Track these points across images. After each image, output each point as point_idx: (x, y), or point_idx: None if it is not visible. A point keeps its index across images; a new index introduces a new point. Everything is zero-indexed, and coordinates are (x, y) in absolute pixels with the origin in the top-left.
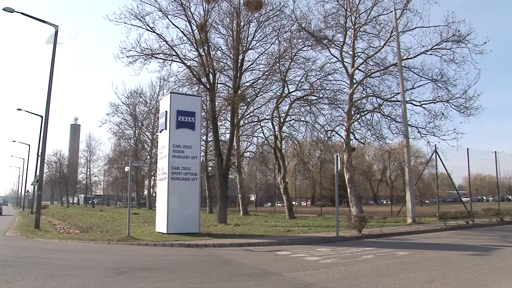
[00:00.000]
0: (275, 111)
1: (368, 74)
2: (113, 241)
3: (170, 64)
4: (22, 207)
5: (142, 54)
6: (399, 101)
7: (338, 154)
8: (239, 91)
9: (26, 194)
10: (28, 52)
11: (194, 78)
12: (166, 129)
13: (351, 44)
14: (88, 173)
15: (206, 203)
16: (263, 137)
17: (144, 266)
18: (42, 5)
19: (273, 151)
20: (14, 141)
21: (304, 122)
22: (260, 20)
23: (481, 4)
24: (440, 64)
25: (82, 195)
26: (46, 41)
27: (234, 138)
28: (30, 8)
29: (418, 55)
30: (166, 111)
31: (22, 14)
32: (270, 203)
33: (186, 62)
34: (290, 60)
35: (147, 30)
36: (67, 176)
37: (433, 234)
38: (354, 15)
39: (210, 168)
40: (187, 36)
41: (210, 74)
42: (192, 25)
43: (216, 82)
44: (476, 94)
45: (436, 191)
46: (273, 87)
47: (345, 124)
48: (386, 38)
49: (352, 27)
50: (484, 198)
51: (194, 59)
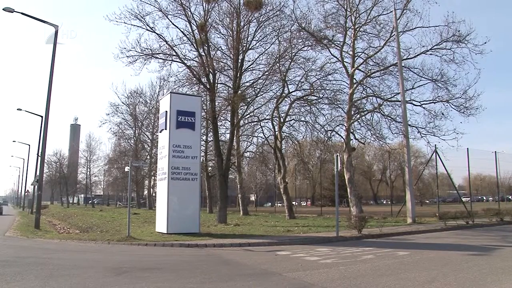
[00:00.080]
0: (275, 111)
1: (368, 74)
2: (113, 241)
3: (170, 64)
4: (22, 207)
5: (142, 54)
6: (399, 101)
7: (338, 154)
8: (239, 91)
9: (26, 194)
10: (28, 52)
11: (194, 78)
12: (166, 129)
13: (351, 44)
14: (88, 173)
15: (206, 203)
16: (263, 137)
17: (144, 266)
18: (42, 5)
19: (273, 151)
20: (14, 141)
21: (304, 122)
22: (260, 20)
23: (481, 4)
24: (440, 64)
25: (82, 195)
26: (46, 41)
27: (234, 138)
28: (30, 8)
29: (418, 55)
30: (166, 111)
31: (22, 14)
32: (270, 203)
33: (186, 62)
34: (290, 60)
35: (147, 30)
36: (67, 176)
37: (433, 234)
38: (354, 15)
39: (210, 168)
40: (187, 36)
41: (210, 74)
42: (192, 25)
43: (216, 82)
44: (476, 94)
45: (436, 191)
46: (273, 87)
47: (345, 124)
48: (386, 38)
49: (352, 27)
50: (484, 198)
51: (194, 59)
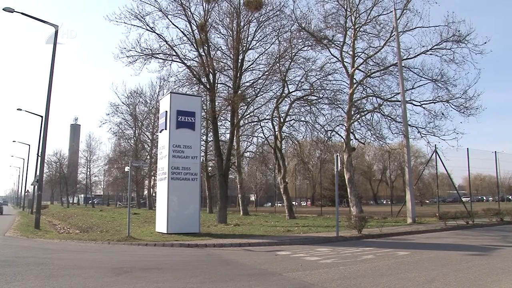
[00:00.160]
0: (275, 111)
1: (368, 74)
2: (113, 241)
3: (170, 64)
4: (22, 207)
5: (142, 54)
6: (399, 101)
7: (338, 154)
8: (239, 91)
9: (26, 194)
10: (28, 52)
11: (194, 78)
12: (166, 129)
13: (351, 44)
14: (88, 173)
15: (206, 203)
16: (263, 137)
17: (144, 266)
18: (42, 5)
19: (273, 151)
20: (14, 141)
21: (304, 122)
22: (260, 20)
23: (481, 4)
24: (440, 64)
25: (82, 195)
26: (46, 41)
27: (234, 138)
28: (30, 8)
29: (418, 55)
30: (166, 111)
31: (22, 14)
32: (270, 203)
33: (186, 62)
34: (290, 60)
35: (147, 30)
36: (67, 176)
37: (433, 234)
38: (354, 15)
39: (210, 168)
40: (187, 36)
41: (210, 74)
42: (192, 25)
43: (216, 82)
44: (476, 94)
45: (436, 191)
46: (273, 87)
47: (345, 124)
48: (386, 38)
49: (352, 27)
50: (484, 198)
51: (194, 59)
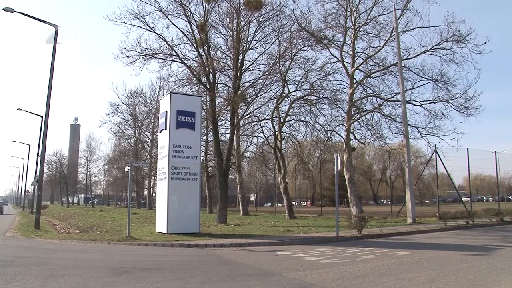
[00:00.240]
0: (275, 111)
1: (368, 74)
2: (113, 241)
3: (170, 64)
4: (22, 207)
5: (142, 54)
6: (399, 101)
7: (338, 154)
8: (239, 91)
9: (26, 194)
10: (28, 52)
11: (194, 78)
12: (166, 129)
13: (351, 44)
14: (88, 173)
15: (206, 203)
16: (263, 137)
17: (144, 266)
18: (42, 5)
19: (273, 151)
20: (14, 141)
21: (304, 122)
22: (260, 20)
23: (481, 4)
24: (440, 64)
25: (82, 195)
26: (46, 41)
27: (234, 138)
28: (30, 8)
29: (418, 55)
30: (166, 111)
31: (22, 14)
32: (270, 203)
33: (186, 62)
34: (290, 60)
35: (147, 30)
36: (67, 176)
37: (433, 234)
38: (354, 15)
39: (210, 168)
40: (187, 36)
41: (210, 74)
42: (192, 25)
43: (216, 82)
44: (476, 94)
45: (436, 191)
46: (273, 87)
47: (345, 124)
48: (386, 38)
49: (352, 27)
50: (484, 198)
51: (194, 59)
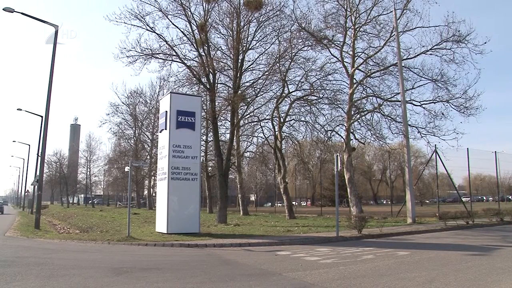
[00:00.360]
0: (275, 111)
1: (368, 74)
2: (113, 241)
3: (170, 64)
4: (22, 207)
5: (142, 54)
6: (399, 101)
7: (338, 154)
8: (239, 91)
9: (26, 194)
10: (28, 52)
11: (194, 78)
12: (166, 129)
13: (351, 44)
14: (88, 173)
15: (206, 203)
16: (263, 137)
17: (144, 266)
18: (42, 5)
19: (273, 151)
20: (14, 141)
21: (304, 122)
22: (260, 20)
23: (481, 4)
24: (440, 64)
25: (82, 195)
26: (46, 41)
27: (234, 138)
28: (30, 8)
29: (418, 55)
30: (166, 111)
31: (22, 14)
32: (270, 203)
33: (186, 62)
34: (290, 60)
35: (147, 30)
36: (67, 176)
37: (433, 234)
38: (354, 15)
39: (210, 168)
40: (187, 36)
41: (210, 74)
42: (192, 25)
43: (216, 82)
44: (476, 94)
45: (436, 191)
46: (273, 87)
47: (345, 124)
48: (386, 38)
49: (352, 27)
50: (484, 198)
51: (194, 59)
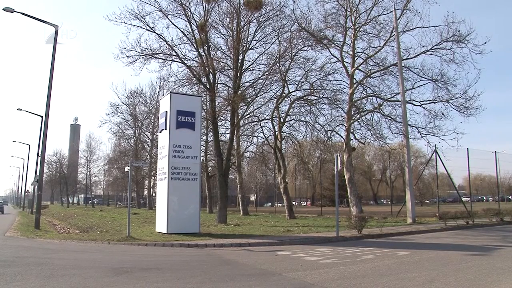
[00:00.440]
0: (275, 111)
1: (368, 74)
2: (113, 241)
3: (170, 64)
4: (22, 207)
5: (142, 54)
6: (399, 101)
7: (338, 154)
8: (239, 91)
9: (26, 194)
10: (28, 52)
11: (194, 78)
12: (166, 129)
13: (351, 44)
14: (88, 173)
15: (206, 203)
16: (263, 137)
17: (144, 266)
18: (42, 5)
19: (273, 151)
20: (14, 141)
21: (304, 122)
22: (260, 20)
23: (481, 4)
24: (440, 64)
25: (82, 195)
26: (46, 41)
27: (234, 138)
28: (30, 8)
29: (418, 55)
30: (166, 111)
31: (22, 14)
32: (270, 203)
33: (186, 62)
34: (290, 60)
35: (147, 30)
36: (67, 176)
37: (433, 234)
38: (354, 15)
39: (210, 168)
40: (187, 36)
41: (210, 74)
42: (192, 25)
43: (216, 82)
44: (476, 94)
45: (436, 191)
46: (273, 87)
47: (345, 124)
48: (386, 38)
49: (352, 27)
50: (484, 198)
51: (194, 59)
